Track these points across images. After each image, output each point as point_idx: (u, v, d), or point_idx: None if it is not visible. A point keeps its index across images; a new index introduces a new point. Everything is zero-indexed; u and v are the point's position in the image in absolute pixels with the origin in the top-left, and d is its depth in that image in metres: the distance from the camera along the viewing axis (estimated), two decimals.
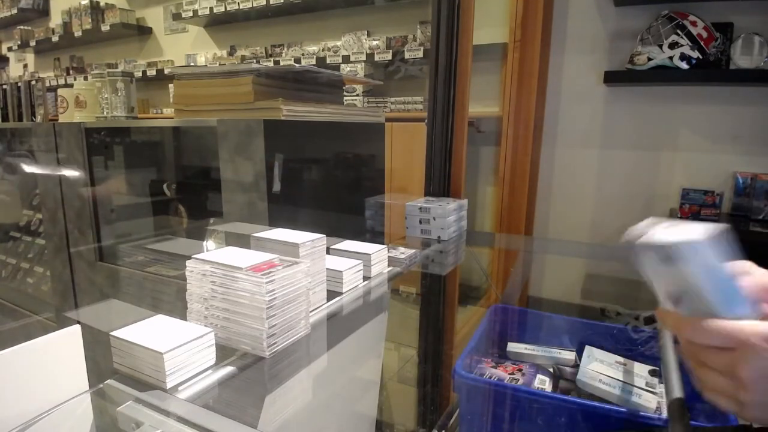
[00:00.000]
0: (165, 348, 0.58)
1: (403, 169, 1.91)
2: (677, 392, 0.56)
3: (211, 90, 1.14)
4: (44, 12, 4.90)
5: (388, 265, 1.08)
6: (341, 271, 0.90)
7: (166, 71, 3.87)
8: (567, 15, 2.30)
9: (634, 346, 0.86)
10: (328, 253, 0.89)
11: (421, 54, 2.73)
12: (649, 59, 1.98)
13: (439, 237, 1.41)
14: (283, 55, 3.36)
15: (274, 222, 1.05)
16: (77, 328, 0.57)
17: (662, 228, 0.38)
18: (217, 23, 3.72)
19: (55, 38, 4.49)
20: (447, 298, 1.27)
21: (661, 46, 1.96)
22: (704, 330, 0.39)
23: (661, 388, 0.65)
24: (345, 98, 2.80)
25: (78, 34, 4.26)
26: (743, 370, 0.37)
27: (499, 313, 0.87)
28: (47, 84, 3.95)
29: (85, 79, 4.14)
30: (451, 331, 1.13)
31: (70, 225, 1.53)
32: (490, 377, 0.74)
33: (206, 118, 1.15)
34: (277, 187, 1.06)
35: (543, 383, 0.76)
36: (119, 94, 1.53)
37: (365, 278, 0.98)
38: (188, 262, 0.70)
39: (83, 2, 4.15)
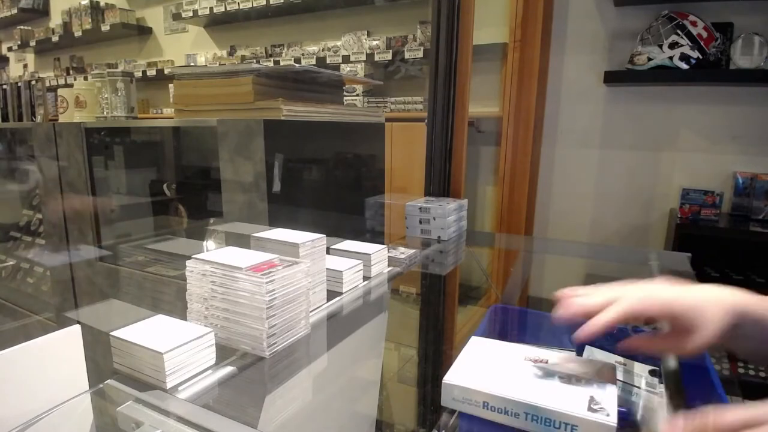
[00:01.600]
0: (165, 348, 0.58)
1: (403, 169, 1.91)
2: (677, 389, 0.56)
3: (211, 90, 1.14)
4: (44, 12, 4.90)
5: (388, 265, 1.08)
6: (341, 271, 0.90)
7: (166, 71, 3.87)
8: (567, 15, 2.30)
9: None
10: (328, 253, 0.89)
11: (421, 54, 2.73)
12: (649, 59, 1.98)
13: (439, 237, 1.41)
14: (283, 55, 3.36)
15: (274, 222, 1.05)
16: (77, 328, 0.57)
17: None
18: (217, 23, 3.72)
19: (55, 38, 4.49)
20: (447, 298, 1.27)
21: (661, 46, 1.96)
22: None
23: (661, 388, 0.66)
24: (345, 98, 2.80)
25: (78, 34, 4.26)
26: None
27: (499, 313, 0.88)
28: (47, 84, 3.94)
29: (85, 79, 4.14)
30: (451, 331, 1.13)
31: (70, 225, 1.52)
32: None
33: (206, 118, 1.15)
34: (277, 187, 1.06)
35: None
36: (119, 94, 1.53)
37: (365, 278, 0.98)
38: (188, 262, 0.70)
39: (83, 2, 4.15)
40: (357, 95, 2.97)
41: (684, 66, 1.94)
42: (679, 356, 0.52)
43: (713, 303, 0.50)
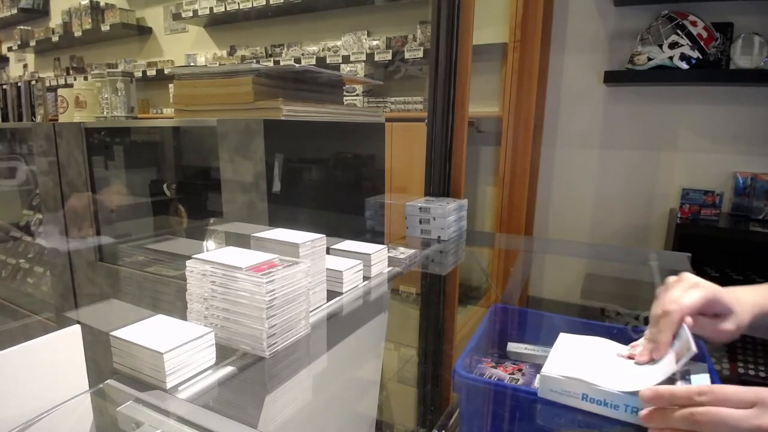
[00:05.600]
0: (165, 348, 0.58)
1: (403, 169, 1.91)
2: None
3: (211, 90, 1.14)
4: (44, 12, 4.90)
5: (388, 265, 1.08)
6: (341, 271, 0.90)
7: (166, 71, 3.87)
8: (567, 15, 2.30)
9: None
10: (328, 253, 0.89)
11: (421, 54, 2.73)
12: (649, 59, 1.98)
13: (439, 237, 1.41)
14: (283, 55, 3.36)
15: (274, 222, 1.05)
16: (77, 328, 0.57)
17: None
18: (217, 23, 3.72)
19: (55, 38, 4.49)
20: (447, 298, 1.27)
21: (661, 46, 1.96)
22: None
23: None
24: (345, 98, 2.80)
25: (78, 34, 4.26)
26: None
27: (499, 313, 0.87)
28: (47, 84, 3.95)
29: (85, 79, 4.14)
30: (451, 331, 1.13)
31: (70, 225, 1.52)
32: (490, 377, 0.74)
33: (206, 118, 1.15)
34: (277, 187, 1.06)
35: None
36: (119, 94, 1.53)
37: (365, 278, 0.98)
38: (188, 262, 0.70)
39: (83, 2, 4.16)
40: (357, 95, 2.97)
41: (684, 66, 1.94)
42: (716, 339, 0.61)
43: (743, 298, 0.62)
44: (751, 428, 0.44)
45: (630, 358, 0.62)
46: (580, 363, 0.62)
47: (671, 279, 0.65)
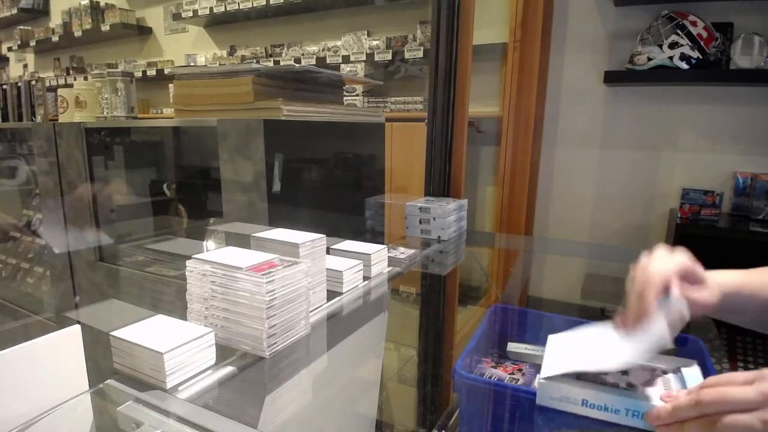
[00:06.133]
0: (165, 348, 0.58)
1: (403, 169, 1.91)
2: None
3: (211, 90, 1.14)
4: (44, 12, 4.90)
5: (388, 265, 1.08)
6: (341, 271, 0.90)
7: (166, 71, 3.87)
8: (567, 15, 2.30)
9: None
10: (328, 253, 0.89)
11: (421, 54, 2.73)
12: (649, 59, 1.98)
13: (439, 237, 1.41)
14: (283, 55, 3.36)
15: (274, 222, 1.05)
16: (77, 328, 0.57)
17: None
18: (217, 23, 3.72)
19: (55, 38, 4.49)
20: (447, 298, 1.27)
21: (661, 46, 1.96)
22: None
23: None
24: (345, 98, 2.80)
25: (78, 34, 4.26)
26: None
27: (499, 313, 0.87)
28: (47, 84, 3.95)
29: (85, 79, 4.14)
30: (451, 331, 1.13)
31: (70, 225, 1.52)
32: (490, 377, 0.74)
33: (206, 118, 1.15)
34: (277, 187, 1.06)
35: None
36: (119, 94, 1.53)
37: (365, 278, 0.98)
38: (188, 262, 0.70)
39: (83, 2, 4.15)
40: (357, 95, 2.97)
41: (684, 66, 1.94)
42: (696, 312, 0.59)
43: (712, 277, 0.63)
44: (756, 396, 0.44)
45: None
46: (573, 358, 0.61)
47: (645, 255, 0.64)
